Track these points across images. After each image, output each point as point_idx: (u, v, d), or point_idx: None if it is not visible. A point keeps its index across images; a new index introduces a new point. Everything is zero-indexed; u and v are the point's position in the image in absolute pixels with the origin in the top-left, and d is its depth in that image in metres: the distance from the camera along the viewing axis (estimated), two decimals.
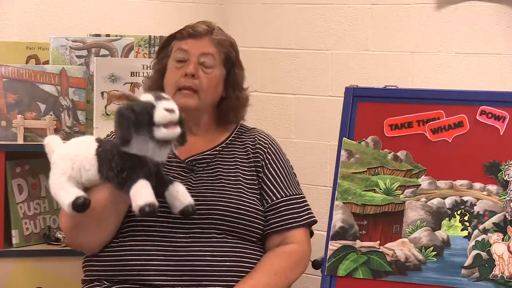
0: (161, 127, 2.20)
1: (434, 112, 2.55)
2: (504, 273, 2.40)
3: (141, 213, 2.19)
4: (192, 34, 2.56)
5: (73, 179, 2.33)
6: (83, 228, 2.41)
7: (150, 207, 2.19)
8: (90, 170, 2.32)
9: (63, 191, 2.32)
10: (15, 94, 3.03)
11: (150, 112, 2.19)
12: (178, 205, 2.32)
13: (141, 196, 2.20)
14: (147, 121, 2.19)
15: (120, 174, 2.25)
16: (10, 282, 2.96)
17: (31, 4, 3.38)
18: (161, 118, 2.19)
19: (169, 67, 2.58)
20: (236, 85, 2.62)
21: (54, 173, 2.36)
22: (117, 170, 2.25)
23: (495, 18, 3.23)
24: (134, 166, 2.24)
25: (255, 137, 2.63)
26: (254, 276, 2.45)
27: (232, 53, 2.61)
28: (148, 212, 2.19)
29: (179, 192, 2.33)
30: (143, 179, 2.23)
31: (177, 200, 2.33)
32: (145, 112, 2.19)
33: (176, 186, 2.33)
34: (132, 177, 2.23)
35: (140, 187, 2.22)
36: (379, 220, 2.56)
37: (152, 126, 2.19)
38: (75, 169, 2.33)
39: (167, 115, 2.20)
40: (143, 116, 2.19)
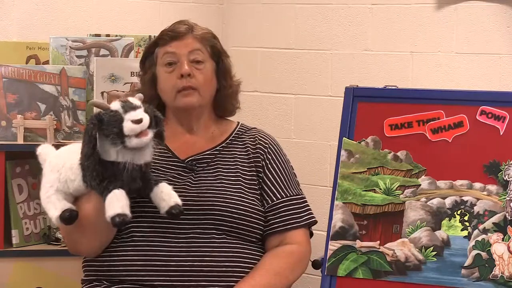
0: (132, 137, 2.21)
1: (434, 112, 2.55)
2: (504, 273, 2.40)
3: (112, 223, 2.22)
4: (174, 36, 2.56)
5: (61, 191, 2.35)
6: (78, 237, 2.42)
7: (120, 217, 2.21)
8: (76, 180, 2.33)
9: (50, 205, 2.35)
10: (15, 94, 3.03)
11: (119, 125, 2.21)
12: (163, 206, 2.32)
13: (113, 207, 2.22)
14: (118, 133, 2.21)
15: (101, 183, 2.26)
16: (10, 282, 2.96)
17: (31, 4, 3.38)
18: (129, 131, 2.21)
19: (160, 74, 2.57)
20: (227, 74, 2.63)
21: (43, 186, 2.39)
22: (99, 179, 2.27)
23: (495, 18, 3.23)
24: (115, 174, 2.25)
25: (256, 137, 2.63)
26: (254, 276, 2.45)
27: (216, 44, 2.62)
28: (118, 222, 2.21)
29: (163, 192, 2.32)
30: (118, 189, 2.24)
31: (162, 200, 2.32)
32: (114, 125, 2.21)
33: (161, 186, 2.33)
34: (109, 187, 2.25)
35: (114, 198, 2.23)
36: (379, 220, 2.56)
37: (124, 137, 2.21)
38: (61, 181, 2.35)
39: (135, 127, 2.21)
40: (113, 129, 2.21)
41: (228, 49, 2.86)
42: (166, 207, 2.31)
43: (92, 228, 2.39)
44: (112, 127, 2.21)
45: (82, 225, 2.36)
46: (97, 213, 2.33)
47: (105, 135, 2.22)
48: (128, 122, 2.21)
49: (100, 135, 2.23)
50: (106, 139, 2.23)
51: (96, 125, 2.22)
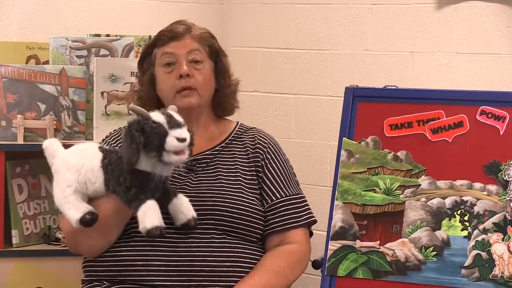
0: (171, 154, 2.21)
1: (434, 112, 2.55)
2: (504, 273, 2.40)
3: (148, 235, 2.22)
4: (173, 37, 2.56)
5: (79, 192, 2.33)
6: (84, 236, 2.42)
7: (157, 230, 2.21)
8: (96, 183, 2.32)
9: (70, 205, 2.32)
10: (15, 94, 3.03)
11: (162, 139, 2.19)
12: (181, 218, 2.34)
13: (150, 219, 2.22)
14: (157, 146, 2.19)
15: (128, 191, 2.25)
16: (10, 282, 2.96)
17: (31, 4, 3.38)
18: (173, 147, 2.20)
19: (159, 75, 2.57)
20: (225, 73, 2.63)
21: (59, 184, 2.35)
22: (126, 187, 2.25)
23: (495, 18, 3.23)
24: (143, 183, 2.24)
25: (255, 136, 2.63)
26: (254, 276, 2.45)
27: (214, 44, 2.62)
28: (155, 234, 2.21)
29: (183, 205, 2.33)
30: (150, 200, 2.23)
31: (181, 213, 2.34)
32: (156, 137, 2.19)
33: (180, 198, 2.34)
34: (140, 196, 2.23)
35: (148, 209, 2.23)
36: (379, 220, 2.56)
37: (162, 151, 2.20)
38: (80, 182, 2.32)
39: (179, 145, 2.20)
40: (154, 141, 2.19)
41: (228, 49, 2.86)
42: (184, 220, 2.33)
43: (102, 230, 2.39)
44: (154, 139, 2.19)
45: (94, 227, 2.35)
46: (113, 217, 2.35)
47: (143, 144, 2.20)
48: (173, 139, 2.19)
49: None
50: (142, 148, 2.20)
51: (141, 133, 2.19)
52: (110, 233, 2.42)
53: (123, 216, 2.39)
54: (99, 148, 2.36)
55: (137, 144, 2.20)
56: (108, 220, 2.36)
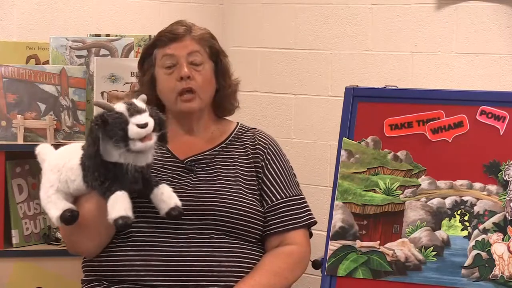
0: (137, 141, 2.22)
1: (434, 112, 2.55)
2: (504, 273, 2.40)
3: (115, 225, 2.23)
4: (173, 38, 2.55)
5: (61, 191, 2.35)
6: (77, 237, 2.42)
7: (123, 219, 2.21)
8: (76, 181, 2.33)
9: (51, 205, 2.34)
10: (15, 94, 3.03)
11: (124, 127, 2.21)
12: (163, 207, 2.32)
13: (115, 209, 2.23)
14: (122, 136, 2.21)
15: (103, 184, 2.26)
16: (10, 282, 2.96)
17: (31, 4, 3.38)
18: (134, 134, 2.21)
19: (159, 76, 2.56)
20: (226, 73, 2.62)
21: (43, 186, 2.38)
22: (100, 180, 2.27)
23: (495, 18, 3.23)
24: (117, 175, 2.25)
25: (255, 137, 2.63)
26: (254, 276, 2.44)
27: (215, 44, 2.61)
28: (121, 224, 2.22)
29: (164, 194, 2.32)
30: (120, 191, 2.24)
31: (162, 202, 2.32)
32: (118, 127, 2.21)
33: (161, 188, 2.33)
34: (112, 188, 2.24)
35: (117, 199, 2.23)
36: (379, 220, 2.56)
37: (128, 140, 2.21)
38: (61, 181, 2.34)
39: (141, 132, 2.21)
40: (117, 132, 2.21)
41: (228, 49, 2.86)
42: (166, 209, 2.31)
43: (92, 229, 2.39)
44: (117, 130, 2.21)
45: (82, 225, 2.36)
46: (97, 214, 2.33)
47: (108, 136, 2.22)
48: (133, 126, 2.21)
49: (103, 136, 2.23)
50: (109, 140, 2.22)
51: (100, 126, 2.22)
52: (100, 231, 2.40)
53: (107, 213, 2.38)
54: (82, 147, 2.36)
55: (93, 137, 2.22)
56: (93, 217, 2.35)
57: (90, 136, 2.24)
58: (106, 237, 2.43)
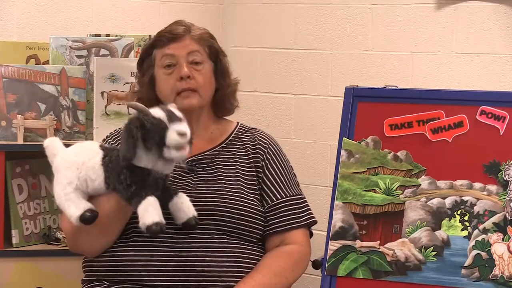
0: (172, 149, 2.19)
1: (434, 112, 2.55)
2: (504, 273, 2.40)
3: (148, 231, 2.20)
4: (172, 38, 2.55)
5: (79, 190, 2.32)
6: (85, 235, 2.42)
7: (157, 226, 2.20)
8: (97, 181, 2.31)
9: (70, 203, 2.31)
10: (15, 94, 3.03)
11: (162, 133, 2.18)
12: (182, 217, 2.33)
13: (150, 215, 2.20)
14: (158, 141, 2.18)
15: (129, 188, 2.24)
16: (10, 282, 2.96)
17: (31, 4, 3.38)
18: (173, 142, 2.18)
19: (159, 76, 2.56)
20: (225, 73, 2.62)
21: (59, 182, 2.34)
22: (126, 184, 2.24)
23: (495, 18, 3.23)
24: (143, 180, 2.23)
25: (255, 137, 2.63)
26: (254, 276, 2.45)
27: (214, 44, 2.61)
28: (155, 231, 2.20)
29: (184, 203, 2.32)
30: (151, 196, 2.22)
31: (182, 211, 2.32)
32: (157, 132, 2.18)
33: (181, 197, 2.33)
34: (140, 193, 2.22)
35: (149, 205, 2.21)
36: (379, 220, 2.56)
37: (163, 146, 2.18)
38: (81, 179, 2.32)
39: (180, 140, 2.19)
40: (154, 136, 2.18)
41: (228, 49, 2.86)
42: (185, 218, 2.32)
43: (103, 230, 2.39)
44: (154, 134, 2.18)
45: (96, 225, 2.35)
46: (114, 216, 2.35)
47: (143, 140, 2.19)
48: (173, 133, 2.18)
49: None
50: (142, 144, 2.20)
51: (139, 129, 2.19)
52: (110, 231, 2.42)
53: (123, 215, 2.39)
54: (100, 147, 2.35)
55: (133, 139, 2.19)
56: (108, 218, 2.36)
57: (128, 138, 2.19)
58: (113, 239, 2.44)
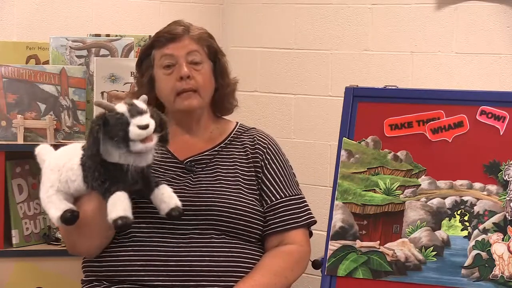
0: (137, 142, 2.21)
1: (434, 112, 2.55)
2: (504, 273, 2.40)
3: (114, 225, 2.22)
4: (171, 38, 2.54)
5: (61, 191, 2.34)
6: (77, 237, 2.42)
7: (122, 220, 2.21)
8: (76, 181, 2.33)
9: (51, 205, 2.34)
10: (15, 94, 3.03)
11: (125, 128, 2.20)
12: (164, 208, 2.32)
13: (115, 209, 2.22)
14: (123, 136, 2.20)
15: (103, 184, 2.26)
16: (10, 282, 2.96)
17: (31, 4, 3.38)
18: (135, 136, 2.20)
19: (158, 76, 2.56)
20: (224, 73, 2.62)
21: (43, 186, 2.38)
22: (101, 180, 2.27)
23: (495, 18, 3.23)
24: (117, 176, 2.25)
25: (254, 137, 2.63)
26: (254, 276, 2.45)
27: (213, 43, 2.61)
28: (121, 225, 2.21)
29: (164, 194, 2.32)
30: (120, 191, 2.24)
31: (163, 202, 2.32)
32: (120, 128, 2.20)
33: (162, 188, 2.33)
34: (112, 188, 2.24)
35: (117, 200, 2.23)
36: (379, 220, 2.56)
37: (128, 141, 2.20)
38: (62, 181, 2.34)
39: (142, 133, 2.20)
40: (118, 132, 2.20)
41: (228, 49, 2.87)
42: (166, 209, 2.31)
43: (92, 229, 2.39)
44: (117, 130, 2.20)
45: (82, 225, 2.36)
46: (98, 214, 2.33)
47: (109, 137, 2.21)
48: (134, 127, 2.20)
49: (104, 136, 2.22)
50: (109, 141, 2.22)
51: (101, 127, 2.21)
52: (101, 232, 2.40)
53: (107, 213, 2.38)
54: (82, 148, 2.36)
55: (95, 137, 2.21)
56: (94, 218, 2.35)
57: (90, 137, 2.24)
58: (106, 238, 2.43)
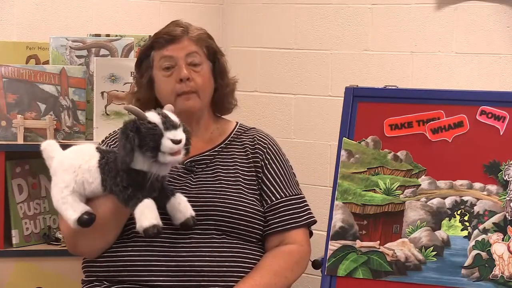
0: (167, 154, 2.21)
1: (434, 112, 2.55)
2: (504, 273, 2.40)
3: (145, 234, 2.22)
4: (170, 40, 2.54)
5: (76, 192, 2.33)
6: (83, 237, 2.42)
7: (154, 228, 2.22)
8: (93, 183, 2.32)
9: (67, 206, 2.32)
10: (15, 94, 3.03)
11: (157, 140, 2.20)
12: (180, 217, 2.34)
13: (146, 218, 2.22)
14: (153, 147, 2.20)
15: (125, 190, 2.26)
16: (10, 282, 2.96)
17: (31, 4, 3.38)
18: (168, 149, 2.21)
19: (158, 78, 2.56)
20: (224, 73, 2.62)
21: (56, 185, 2.35)
22: (123, 186, 2.26)
23: (495, 18, 3.23)
24: (139, 183, 2.25)
25: (254, 137, 2.63)
26: (254, 276, 2.45)
27: (212, 44, 2.61)
28: (153, 233, 2.22)
29: (181, 204, 2.34)
30: (148, 199, 2.24)
31: (179, 212, 2.34)
32: (152, 138, 2.20)
33: (178, 198, 2.34)
34: (137, 195, 2.24)
35: (145, 208, 2.23)
36: (379, 220, 2.56)
37: (158, 152, 2.21)
38: (77, 182, 2.33)
39: (174, 147, 2.21)
40: (149, 142, 2.20)
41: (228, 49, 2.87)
42: (183, 219, 2.33)
43: (102, 232, 2.39)
44: (149, 140, 2.20)
45: (94, 227, 2.35)
46: (112, 218, 2.35)
47: (138, 145, 2.21)
48: (167, 141, 2.20)
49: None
50: (137, 148, 2.21)
51: (136, 135, 2.20)
52: (108, 234, 2.42)
53: (121, 217, 2.39)
54: (97, 149, 2.36)
55: (131, 144, 2.21)
56: (106, 220, 2.36)
57: (126, 144, 2.21)
58: (112, 241, 2.44)
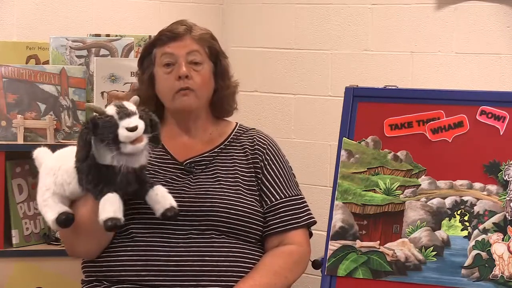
0: (127, 144, 2.22)
1: (434, 112, 2.55)
2: (504, 273, 2.40)
3: (104, 227, 2.23)
4: (173, 37, 2.54)
5: (57, 194, 2.35)
6: (75, 239, 2.42)
7: (112, 221, 2.22)
8: (71, 184, 2.34)
9: (47, 208, 2.35)
10: (15, 94, 3.03)
11: (115, 131, 2.21)
12: (158, 208, 2.32)
13: (105, 211, 2.23)
14: (113, 139, 2.21)
15: (97, 187, 2.27)
16: (10, 282, 2.96)
17: (31, 4, 3.39)
18: (124, 138, 2.21)
19: (158, 75, 2.56)
20: (225, 74, 2.62)
21: (39, 189, 2.39)
22: (94, 183, 2.27)
23: (495, 18, 3.23)
24: (110, 178, 2.25)
25: (254, 138, 2.63)
26: (254, 276, 2.45)
27: (215, 45, 2.61)
28: (110, 226, 2.22)
29: (158, 195, 2.32)
30: (112, 192, 2.24)
31: (157, 203, 2.32)
32: (109, 131, 2.22)
33: (156, 189, 2.33)
34: (104, 190, 2.25)
35: (106, 201, 2.24)
36: (379, 220, 2.56)
37: (119, 143, 2.22)
38: (57, 184, 2.35)
39: (130, 135, 2.21)
40: (108, 135, 2.21)
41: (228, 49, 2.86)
42: (161, 210, 2.32)
43: (89, 231, 2.39)
44: (107, 133, 2.21)
45: (79, 228, 2.36)
46: (93, 216, 2.32)
47: (100, 140, 2.23)
48: (122, 130, 2.21)
49: (95, 139, 2.24)
50: (101, 143, 2.23)
51: (90, 130, 2.22)
52: (98, 233, 2.39)
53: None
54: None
55: (83, 140, 2.23)
56: (90, 221, 2.34)
57: (80, 140, 2.25)
58: (104, 240, 2.43)
